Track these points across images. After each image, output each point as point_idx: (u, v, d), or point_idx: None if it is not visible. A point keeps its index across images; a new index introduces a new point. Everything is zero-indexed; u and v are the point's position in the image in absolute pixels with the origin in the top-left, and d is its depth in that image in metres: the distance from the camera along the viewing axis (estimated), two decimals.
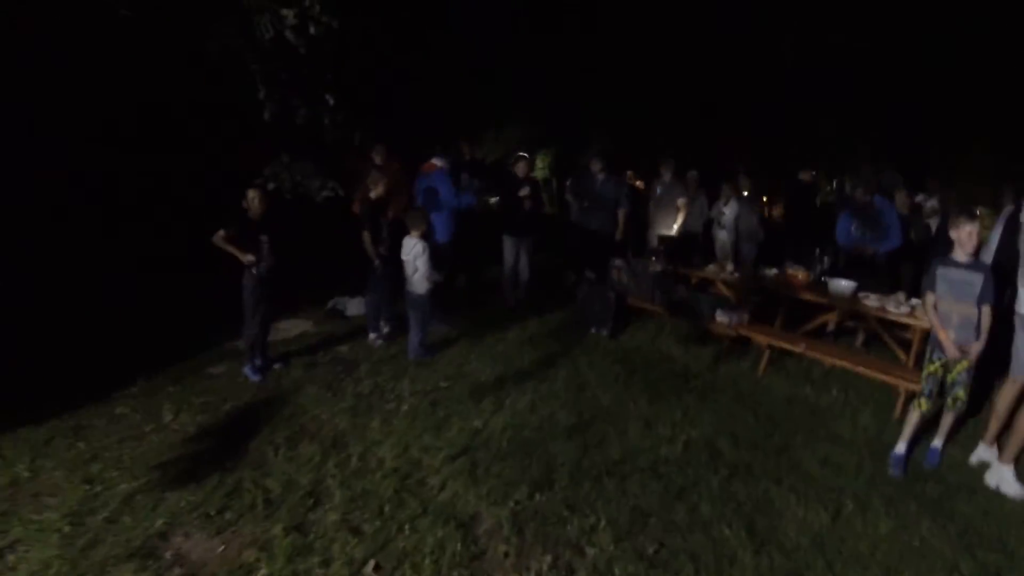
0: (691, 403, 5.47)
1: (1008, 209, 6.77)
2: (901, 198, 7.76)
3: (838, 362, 5.89)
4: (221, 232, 5.39)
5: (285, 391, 5.50)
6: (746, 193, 8.94)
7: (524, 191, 7.82)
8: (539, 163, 15.90)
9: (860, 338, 7.12)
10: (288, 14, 4.95)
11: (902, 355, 6.11)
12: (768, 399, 5.69)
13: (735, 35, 13.11)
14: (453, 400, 5.31)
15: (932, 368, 4.47)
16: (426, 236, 6.16)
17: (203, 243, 5.45)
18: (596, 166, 8.69)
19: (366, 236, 6.38)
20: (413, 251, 6.07)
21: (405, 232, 6.20)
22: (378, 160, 7.60)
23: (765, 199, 8.89)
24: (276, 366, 6.00)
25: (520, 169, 8.01)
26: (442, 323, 7.03)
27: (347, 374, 5.88)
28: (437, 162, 7.48)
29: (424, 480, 4.02)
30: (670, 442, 4.72)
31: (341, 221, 7.27)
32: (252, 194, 5.58)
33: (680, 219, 8.52)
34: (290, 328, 7.22)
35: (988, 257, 7.01)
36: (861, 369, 5.71)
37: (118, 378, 5.60)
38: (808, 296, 6.41)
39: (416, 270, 6.09)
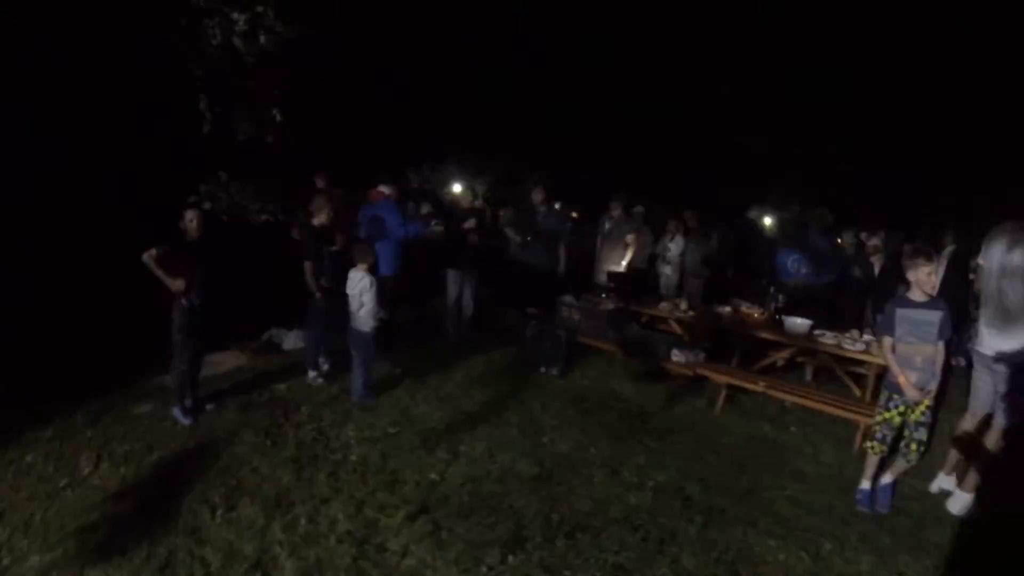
0: (652, 446, 5.27)
1: (950, 248, 6.97)
2: (848, 236, 7.89)
3: (798, 400, 5.83)
4: (153, 251, 4.86)
5: (219, 437, 4.98)
6: (692, 229, 8.93)
7: (470, 223, 7.53)
8: (474, 191, 15.69)
9: (809, 372, 7.10)
10: (239, 19, 4.53)
11: (856, 390, 6.15)
12: (729, 438, 5.56)
13: (677, 71, 13.56)
14: (404, 449, 4.92)
15: (889, 415, 4.33)
16: (372, 269, 5.81)
17: (132, 262, 4.89)
18: (538, 197, 8.40)
19: (307, 266, 5.98)
20: (359, 285, 5.68)
21: (348, 263, 5.83)
22: (321, 185, 7.21)
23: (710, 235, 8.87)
24: (208, 407, 5.49)
25: (465, 199, 7.76)
26: (384, 360, 6.62)
27: (286, 418, 5.40)
28: (385, 189, 7.13)
29: (384, 545, 3.61)
30: (638, 489, 4.50)
31: (280, 248, 6.80)
32: (190, 214, 5.11)
33: (629, 255, 8.39)
34: (223, 362, 6.69)
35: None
36: (821, 406, 5.67)
37: (29, 418, 5.02)
38: (766, 335, 6.33)
39: (362, 306, 5.70)
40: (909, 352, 4.23)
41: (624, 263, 8.30)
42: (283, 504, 4.02)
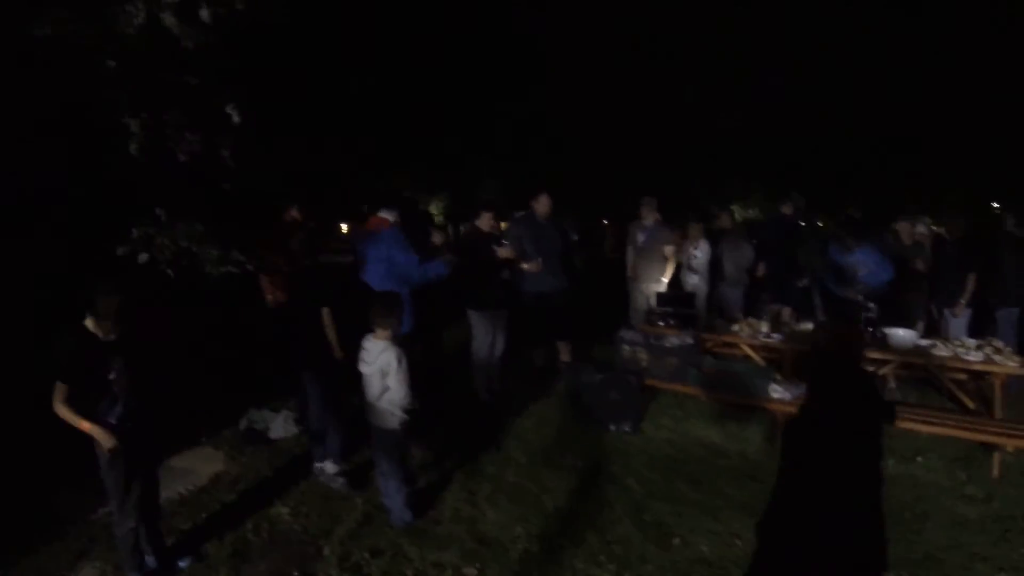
0: None
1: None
2: (906, 226, 7.12)
3: (934, 430, 4.96)
4: (64, 388, 3.19)
5: None
6: (727, 232, 7.97)
7: (505, 250, 5.96)
8: (433, 209, 14.33)
9: (892, 386, 6.21)
10: None
11: (971, 403, 5.39)
12: None
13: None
14: None
15: None
16: (395, 337, 4.09)
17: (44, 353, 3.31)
18: (542, 207, 6.70)
19: (327, 315, 4.53)
20: (380, 361, 3.92)
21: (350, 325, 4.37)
22: (295, 215, 5.71)
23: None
24: (181, 564, 3.76)
25: (486, 222, 6.17)
26: (412, 445, 4.86)
27: (306, 574, 3.71)
28: (388, 215, 5.63)
29: None
30: None
31: (248, 305, 5.34)
32: (106, 302, 3.26)
33: (670, 270, 7.31)
34: (194, 470, 4.98)
35: None
36: (959, 433, 4.87)
37: None
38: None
39: (386, 390, 3.95)
40: None
41: (665, 280, 7.24)
42: None
